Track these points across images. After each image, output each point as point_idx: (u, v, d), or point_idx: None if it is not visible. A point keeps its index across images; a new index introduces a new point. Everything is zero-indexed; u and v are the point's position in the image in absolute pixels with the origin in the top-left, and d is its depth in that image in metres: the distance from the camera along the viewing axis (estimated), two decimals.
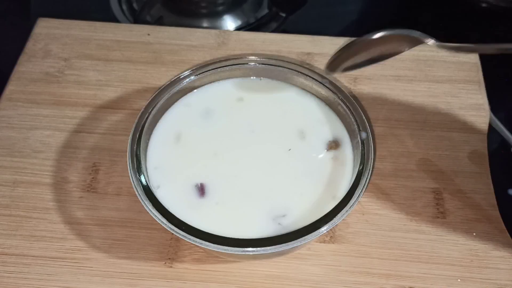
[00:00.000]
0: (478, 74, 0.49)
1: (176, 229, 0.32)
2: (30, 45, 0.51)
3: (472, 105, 0.47)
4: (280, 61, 0.41)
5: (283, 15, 0.62)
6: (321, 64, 0.50)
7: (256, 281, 0.37)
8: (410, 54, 0.51)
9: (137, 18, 0.60)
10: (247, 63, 0.41)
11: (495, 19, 0.66)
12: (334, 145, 0.38)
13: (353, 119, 0.38)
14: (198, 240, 0.32)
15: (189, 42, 0.52)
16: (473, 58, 0.50)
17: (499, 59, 0.34)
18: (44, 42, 0.51)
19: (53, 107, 0.46)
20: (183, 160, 0.37)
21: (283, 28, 0.62)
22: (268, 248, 0.32)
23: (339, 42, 0.51)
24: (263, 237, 0.33)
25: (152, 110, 0.38)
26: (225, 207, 0.35)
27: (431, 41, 0.34)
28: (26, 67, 0.49)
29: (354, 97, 0.47)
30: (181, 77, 0.40)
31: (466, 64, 0.50)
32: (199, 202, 0.35)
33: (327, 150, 0.37)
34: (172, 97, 0.40)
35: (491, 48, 0.32)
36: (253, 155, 0.38)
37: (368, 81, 0.49)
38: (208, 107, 0.40)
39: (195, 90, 0.41)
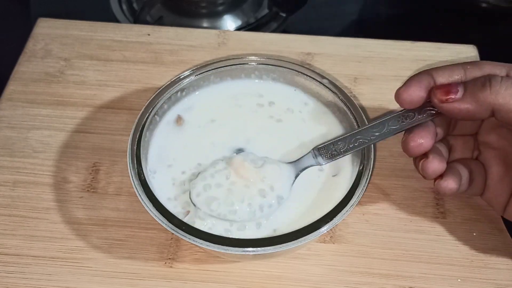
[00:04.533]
0: None
1: (176, 229, 0.32)
2: (30, 45, 0.51)
3: None
4: (281, 61, 0.41)
5: (283, 15, 0.63)
6: (321, 64, 0.50)
7: (256, 281, 0.37)
8: (410, 54, 0.51)
9: (137, 18, 0.61)
10: (247, 63, 0.41)
11: (495, 19, 0.66)
12: None
13: (353, 119, 0.38)
14: (198, 240, 0.32)
15: (189, 42, 0.52)
16: (473, 58, 0.50)
17: (499, 59, 0.34)
18: (44, 42, 0.51)
19: (53, 107, 0.46)
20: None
21: (283, 28, 0.62)
22: (268, 248, 0.32)
23: (339, 42, 0.52)
24: (263, 237, 0.33)
25: (152, 110, 0.38)
26: None
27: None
28: (26, 67, 0.49)
29: (354, 97, 0.47)
30: (181, 77, 0.40)
31: None
32: None
33: None
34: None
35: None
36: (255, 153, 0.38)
37: (368, 81, 0.49)
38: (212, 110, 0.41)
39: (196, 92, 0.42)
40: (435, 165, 0.34)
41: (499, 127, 0.36)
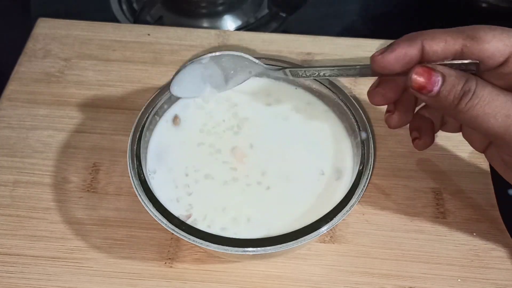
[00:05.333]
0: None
1: (176, 229, 0.32)
2: (30, 45, 0.51)
3: None
4: (281, 61, 0.41)
5: (283, 15, 0.63)
6: (321, 64, 0.50)
7: (256, 281, 0.37)
8: None
9: (137, 18, 0.61)
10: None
11: (495, 19, 0.66)
12: None
13: (353, 119, 0.38)
14: (198, 240, 0.32)
15: (189, 42, 0.52)
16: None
17: None
18: (44, 42, 0.51)
19: (53, 107, 0.46)
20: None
21: (283, 28, 0.62)
22: (268, 248, 0.32)
23: (339, 42, 0.52)
24: (263, 237, 0.33)
25: (152, 110, 0.38)
26: None
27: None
28: (26, 67, 0.49)
29: (354, 97, 0.47)
30: None
31: None
32: None
33: None
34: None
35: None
36: (255, 152, 0.38)
37: (368, 81, 0.49)
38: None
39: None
40: (397, 120, 0.37)
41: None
